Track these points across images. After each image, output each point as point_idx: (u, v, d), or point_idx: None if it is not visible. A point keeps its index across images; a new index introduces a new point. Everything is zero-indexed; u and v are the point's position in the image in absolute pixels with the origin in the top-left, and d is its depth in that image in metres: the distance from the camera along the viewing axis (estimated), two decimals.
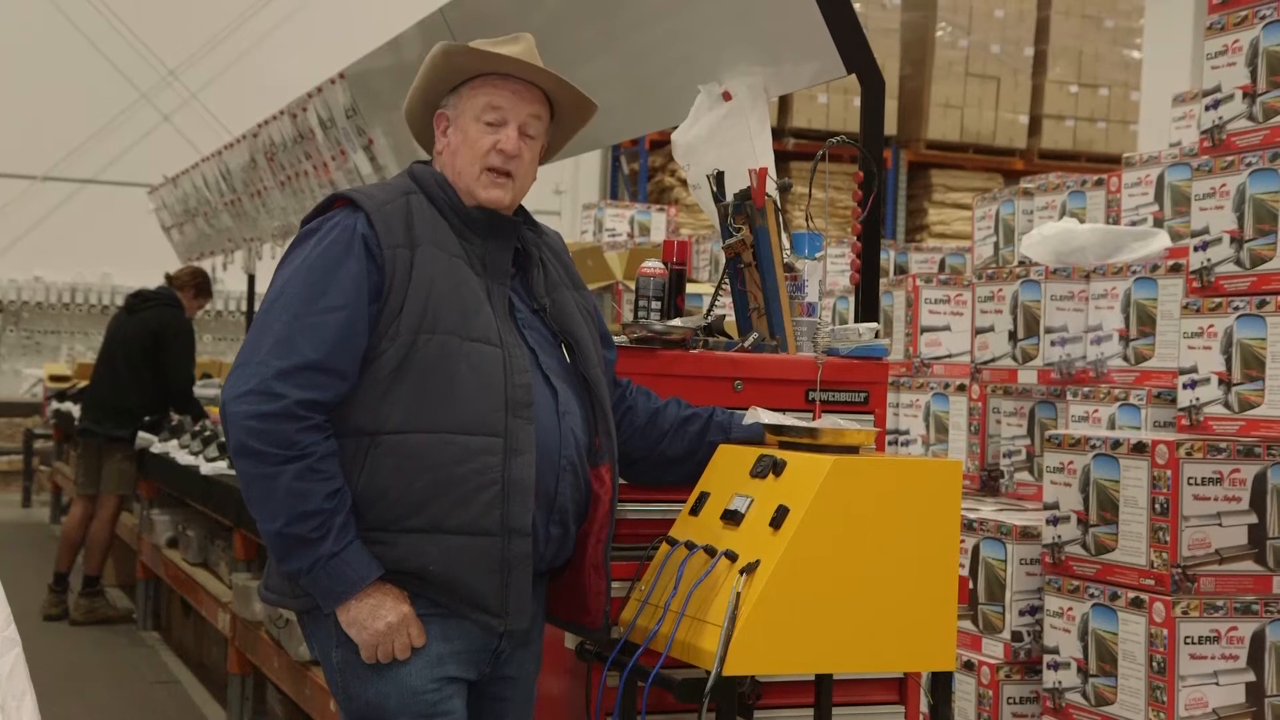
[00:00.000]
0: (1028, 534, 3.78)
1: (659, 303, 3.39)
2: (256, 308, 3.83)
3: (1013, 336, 4.51)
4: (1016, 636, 3.79)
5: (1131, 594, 3.42)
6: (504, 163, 2.83)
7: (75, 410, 10.06)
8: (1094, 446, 3.56)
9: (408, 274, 2.72)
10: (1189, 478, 3.35)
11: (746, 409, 3.05)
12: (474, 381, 2.70)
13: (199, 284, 8.80)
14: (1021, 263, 4.81)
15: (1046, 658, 3.67)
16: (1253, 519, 3.41)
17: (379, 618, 2.67)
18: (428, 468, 2.67)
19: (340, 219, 2.76)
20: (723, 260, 3.52)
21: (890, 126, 12.12)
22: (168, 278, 8.85)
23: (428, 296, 2.71)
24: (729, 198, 3.48)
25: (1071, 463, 3.63)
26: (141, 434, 8.22)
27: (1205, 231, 3.59)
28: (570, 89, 2.90)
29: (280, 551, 2.68)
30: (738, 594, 2.59)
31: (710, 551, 2.72)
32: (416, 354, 2.69)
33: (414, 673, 2.71)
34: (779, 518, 2.66)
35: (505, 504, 2.70)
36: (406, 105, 2.95)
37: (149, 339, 8.35)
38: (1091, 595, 3.53)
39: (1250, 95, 3.51)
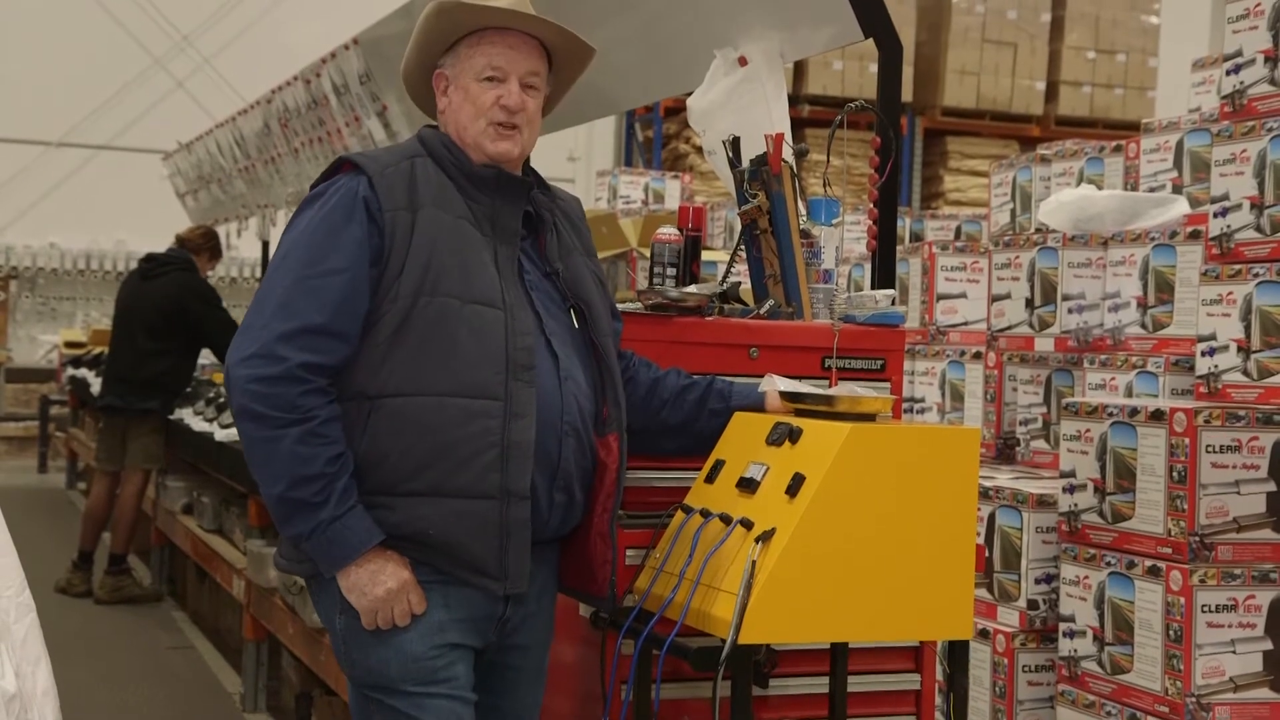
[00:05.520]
0: (1044, 502, 3.77)
1: (674, 269, 3.37)
2: None
3: (1029, 304, 4.48)
4: (1032, 605, 3.77)
5: (1148, 562, 3.40)
6: (508, 117, 2.82)
7: (90, 377, 10.04)
8: (1111, 414, 3.54)
9: (408, 237, 2.71)
10: (1207, 445, 3.33)
11: (762, 376, 3.04)
12: (474, 344, 2.69)
13: (213, 246, 8.44)
14: (1039, 230, 4.78)
15: (1062, 626, 3.66)
16: (1271, 487, 3.39)
17: (379, 583, 2.66)
18: (427, 431, 2.66)
19: (343, 183, 2.76)
20: (738, 227, 3.50)
21: (906, 93, 12.04)
22: (179, 239, 8.46)
23: (429, 259, 2.70)
24: (745, 163, 3.46)
25: (1088, 431, 3.61)
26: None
27: (1225, 197, 3.56)
28: (567, 35, 2.88)
29: (282, 516, 2.68)
30: (753, 562, 2.58)
31: (725, 519, 2.71)
32: (416, 317, 2.68)
33: (414, 639, 2.71)
34: (795, 485, 2.64)
35: (504, 467, 2.68)
36: (403, 67, 2.94)
37: (171, 306, 7.97)
38: (1108, 563, 3.51)
39: (1272, 59, 3.47)
